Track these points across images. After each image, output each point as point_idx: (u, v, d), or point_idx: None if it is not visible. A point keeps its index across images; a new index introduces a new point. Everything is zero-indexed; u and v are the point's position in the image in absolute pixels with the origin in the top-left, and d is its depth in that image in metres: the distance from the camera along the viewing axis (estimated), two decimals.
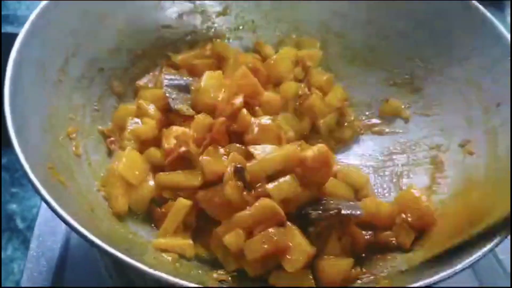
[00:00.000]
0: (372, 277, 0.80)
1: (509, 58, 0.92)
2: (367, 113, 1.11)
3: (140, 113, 0.96)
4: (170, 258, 0.78)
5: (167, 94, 0.96)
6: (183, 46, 1.12)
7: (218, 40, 1.14)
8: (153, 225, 0.86)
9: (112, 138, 0.94)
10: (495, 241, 0.72)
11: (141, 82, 1.05)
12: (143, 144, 0.92)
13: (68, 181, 0.79)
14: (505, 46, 0.94)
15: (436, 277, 0.68)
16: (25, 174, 0.69)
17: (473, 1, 1.00)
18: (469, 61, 1.00)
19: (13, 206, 1.23)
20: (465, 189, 0.89)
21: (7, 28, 1.31)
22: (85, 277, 0.88)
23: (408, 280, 0.75)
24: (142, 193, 0.85)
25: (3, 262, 1.15)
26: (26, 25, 0.86)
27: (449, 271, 0.68)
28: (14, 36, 0.84)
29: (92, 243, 0.65)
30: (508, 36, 0.94)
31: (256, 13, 1.17)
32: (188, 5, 1.13)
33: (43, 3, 0.89)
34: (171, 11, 1.11)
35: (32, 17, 0.87)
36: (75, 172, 0.83)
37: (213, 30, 1.15)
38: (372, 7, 1.11)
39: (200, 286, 0.63)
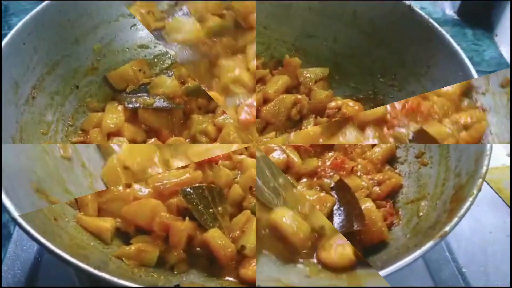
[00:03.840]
0: None
1: (461, 73, 0.96)
2: None
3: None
4: (130, 265, 0.83)
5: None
6: (159, 65, 1.18)
7: None
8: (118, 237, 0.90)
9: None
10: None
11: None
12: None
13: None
14: (458, 61, 0.98)
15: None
16: None
17: (430, 20, 1.04)
18: (426, 76, 1.04)
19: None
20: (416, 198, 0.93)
21: None
22: (58, 281, 0.93)
23: None
24: None
25: None
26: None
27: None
28: None
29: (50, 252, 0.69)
30: (461, 52, 0.98)
31: None
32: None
33: (19, 24, 0.94)
34: (147, 32, 1.17)
35: (7, 37, 0.92)
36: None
37: None
38: (338, 26, 1.16)
39: None
